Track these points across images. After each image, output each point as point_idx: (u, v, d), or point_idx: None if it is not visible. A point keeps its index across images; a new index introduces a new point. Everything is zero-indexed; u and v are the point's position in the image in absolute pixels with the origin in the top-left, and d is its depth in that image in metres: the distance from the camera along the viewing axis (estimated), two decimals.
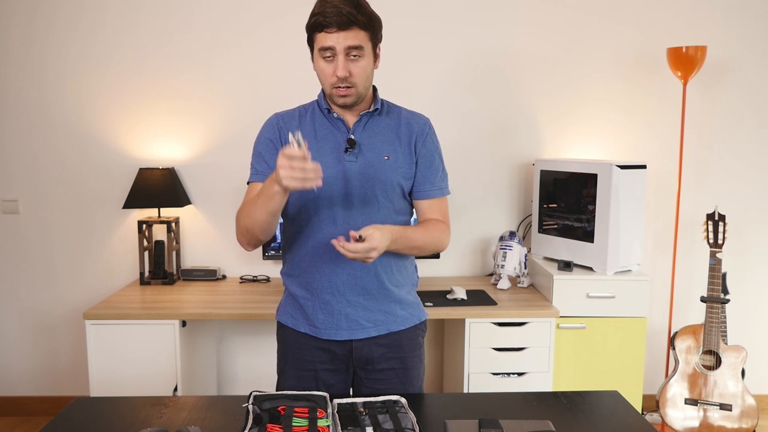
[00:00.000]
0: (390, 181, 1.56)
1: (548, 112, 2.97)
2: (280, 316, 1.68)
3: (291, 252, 1.63)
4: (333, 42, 1.43)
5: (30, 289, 2.99)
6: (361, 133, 1.56)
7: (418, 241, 1.58)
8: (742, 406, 2.51)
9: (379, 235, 1.43)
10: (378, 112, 1.59)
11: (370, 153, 1.56)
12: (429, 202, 1.64)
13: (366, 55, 1.48)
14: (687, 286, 3.06)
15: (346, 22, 1.41)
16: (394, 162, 1.57)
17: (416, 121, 1.64)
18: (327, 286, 1.57)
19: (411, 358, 1.65)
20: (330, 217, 1.54)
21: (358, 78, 1.48)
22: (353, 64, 1.46)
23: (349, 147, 1.54)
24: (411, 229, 1.58)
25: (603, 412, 1.46)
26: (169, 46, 2.87)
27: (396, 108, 1.65)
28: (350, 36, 1.43)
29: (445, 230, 1.65)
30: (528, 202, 3.00)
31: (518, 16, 2.90)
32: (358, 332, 1.59)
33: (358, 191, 1.54)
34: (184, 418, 1.41)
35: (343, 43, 1.43)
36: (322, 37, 1.44)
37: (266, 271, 2.98)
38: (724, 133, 3.00)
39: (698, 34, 2.92)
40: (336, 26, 1.41)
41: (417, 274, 1.74)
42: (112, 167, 2.92)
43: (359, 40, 1.44)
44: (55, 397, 3.05)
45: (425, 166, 1.62)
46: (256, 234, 1.50)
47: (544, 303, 2.53)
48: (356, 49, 1.45)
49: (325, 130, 1.57)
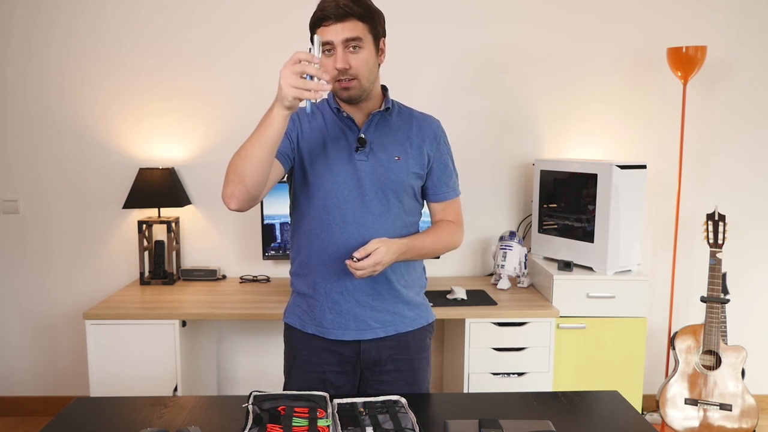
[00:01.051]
0: (400, 181, 1.56)
1: (548, 112, 2.97)
2: (287, 317, 1.68)
3: (299, 251, 1.63)
4: (331, 35, 1.44)
5: (30, 289, 2.99)
6: (371, 132, 1.56)
7: (427, 249, 1.60)
8: (742, 406, 2.51)
9: (384, 250, 1.44)
10: (389, 112, 1.59)
11: (381, 152, 1.55)
12: (443, 204, 1.67)
13: (366, 47, 1.47)
14: (687, 286, 3.06)
15: (342, 14, 1.42)
16: (404, 163, 1.57)
17: (428, 123, 1.64)
18: (336, 286, 1.57)
19: (418, 360, 1.65)
20: (340, 216, 1.54)
21: (359, 69, 1.47)
22: (353, 56, 1.46)
23: (359, 146, 1.54)
24: (419, 237, 1.59)
25: (603, 412, 1.46)
26: (170, 46, 2.87)
27: (407, 109, 1.65)
28: (347, 27, 1.43)
29: (456, 231, 1.68)
30: (528, 202, 3.00)
31: (518, 16, 2.90)
32: (366, 332, 1.59)
33: (369, 190, 1.54)
34: (184, 418, 1.41)
35: (341, 35, 1.43)
36: (321, 31, 1.45)
37: (266, 271, 2.98)
38: (724, 133, 3.00)
39: (698, 34, 2.92)
40: (333, 18, 1.42)
41: (425, 276, 1.74)
42: (112, 167, 2.92)
43: (357, 31, 1.44)
44: (55, 397, 3.05)
45: (440, 169, 1.64)
46: (244, 175, 1.38)
47: (544, 303, 2.53)
48: (355, 41, 1.45)
49: (336, 129, 1.57)
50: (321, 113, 1.59)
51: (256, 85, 2.89)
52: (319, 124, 1.57)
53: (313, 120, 1.57)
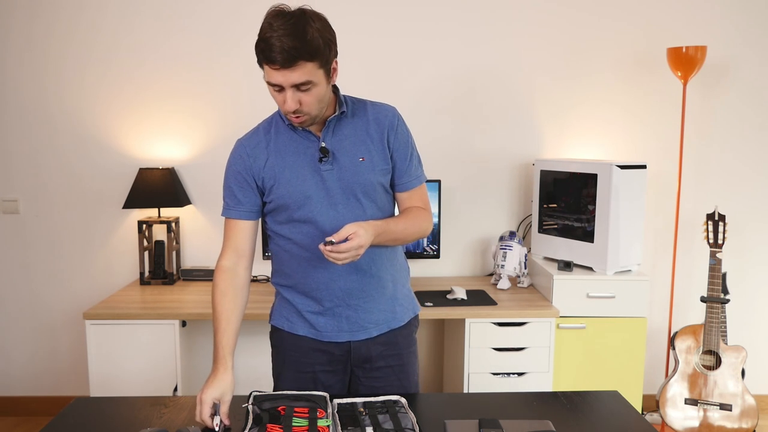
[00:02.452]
0: (369, 182, 1.54)
1: (548, 112, 2.97)
2: (274, 320, 1.67)
3: (281, 263, 1.62)
4: (279, 79, 1.38)
5: (30, 289, 2.99)
6: (331, 139, 1.53)
7: (401, 232, 1.57)
8: (742, 406, 2.51)
9: (363, 232, 1.40)
10: (344, 114, 1.55)
11: (345, 157, 1.52)
12: (408, 193, 1.63)
13: (317, 85, 1.41)
14: (687, 286, 3.06)
15: (289, 59, 1.33)
16: (369, 162, 1.54)
17: (383, 114, 1.58)
18: (326, 295, 1.56)
19: (407, 355, 1.66)
20: (316, 228, 1.53)
21: (310, 106, 1.43)
22: (303, 95, 1.41)
23: (323, 156, 1.51)
24: (393, 221, 1.57)
25: (603, 412, 1.46)
26: (169, 46, 2.87)
27: (360, 103, 1.60)
28: (296, 73, 1.36)
29: (427, 217, 1.64)
30: (528, 202, 3.00)
31: (518, 16, 2.90)
32: (360, 333, 1.59)
33: (341, 197, 1.52)
34: (184, 418, 1.41)
35: (290, 81, 1.37)
36: (268, 70, 1.39)
37: (266, 271, 2.98)
38: (724, 133, 3.00)
39: (698, 34, 2.92)
40: (280, 64, 1.35)
41: (406, 262, 1.73)
42: (112, 167, 2.92)
43: (306, 74, 1.37)
44: (55, 397, 3.05)
45: (401, 159, 1.60)
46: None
47: (544, 303, 2.53)
48: (305, 84, 1.39)
49: (295, 143, 1.53)
50: (275, 135, 1.55)
51: (257, 84, 2.88)
52: (278, 146, 1.54)
53: (269, 143, 1.55)
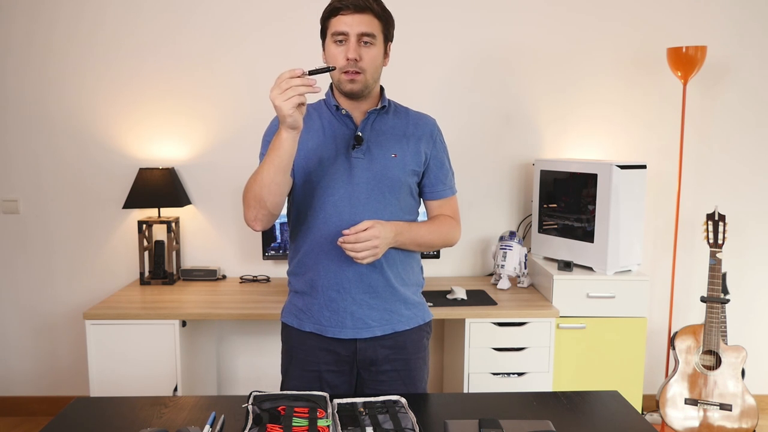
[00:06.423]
0: (397, 178, 1.57)
1: (548, 112, 2.97)
2: (284, 317, 1.69)
3: (296, 249, 1.64)
4: (347, 26, 1.46)
5: (30, 289, 2.99)
6: (368, 130, 1.57)
7: (424, 237, 1.60)
8: (742, 406, 2.51)
9: (380, 226, 1.45)
10: (385, 110, 1.60)
11: (378, 150, 1.56)
12: (440, 202, 1.67)
13: (377, 45, 1.50)
14: (687, 286, 3.06)
15: (362, 6, 1.46)
16: (401, 160, 1.57)
17: (424, 122, 1.65)
18: (333, 284, 1.57)
19: (415, 360, 1.65)
20: (336, 214, 1.55)
21: (368, 64, 1.50)
22: (364, 50, 1.49)
23: (356, 143, 1.55)
24: (416, 223, 1.60)
25: (603, 412, 1.46)
26: (170, 46, 2.87)
27: (403, 108, 1.67)
28: (365, 21, 1.47)
29: (454, 225, 1.68)
30: (528, 202, 3.00)
31: (518, 16, 2.90)
32: (363, 331, 1.59)
33: (365, 188, 1.54)
34: (184, 418, 1.41)
35: (357, 28, 1.46)
36: (336, 21, 1.48)
37: (266, 271, 2.98)
38: (724, 133, 3.00)
39: (698, 34, 2.92)
40: (352, 9, 1.45)
41: (422, 276, 1.74)
42: (112, 167, 2.92)
43: (372, 27, 1.48)
44: (55, 397, 3.05)
45: (437, 167, 1.65)
46: (264, 200, 1.46)
47: (544, 303, 2.53)
48: (368, 36, 1.48)
49: (333, 126, 1.58)
50: (318, 114, 1.60)
51: (256, 84, 2.89)
52: (316, 126, 1.58)
53: (310, 119, 1.58)
